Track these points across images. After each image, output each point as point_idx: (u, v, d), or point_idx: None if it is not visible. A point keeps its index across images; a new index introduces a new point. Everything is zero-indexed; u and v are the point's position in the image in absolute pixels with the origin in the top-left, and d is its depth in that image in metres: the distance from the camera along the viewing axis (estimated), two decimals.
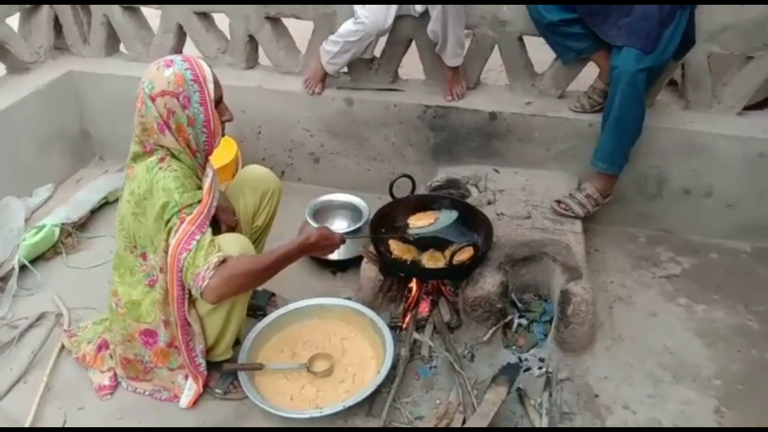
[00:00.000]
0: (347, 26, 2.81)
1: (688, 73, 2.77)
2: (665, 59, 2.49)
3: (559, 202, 2.65)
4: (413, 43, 2.99)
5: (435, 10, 2.68)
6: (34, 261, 2.74)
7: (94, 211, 3.08)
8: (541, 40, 2.80)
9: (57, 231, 2.82)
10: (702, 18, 2.55)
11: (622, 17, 2.45)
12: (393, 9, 2.76)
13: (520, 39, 2.87)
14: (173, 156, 1.89)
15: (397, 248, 2.48)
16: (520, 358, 2.31)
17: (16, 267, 2.64)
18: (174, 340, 2.04)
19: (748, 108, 2.83)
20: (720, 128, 2.73)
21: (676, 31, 2.45)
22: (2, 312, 2.52)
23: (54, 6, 3.35)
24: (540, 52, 3.02)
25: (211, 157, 2.03)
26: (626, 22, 2.43)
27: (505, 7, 2.75)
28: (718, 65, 2.76)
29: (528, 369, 2.27)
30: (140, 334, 2.06)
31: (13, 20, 3.25)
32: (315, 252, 2.11)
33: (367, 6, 2.72)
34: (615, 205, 2.82)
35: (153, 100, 1.82)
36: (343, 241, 2.15)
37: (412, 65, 3.21)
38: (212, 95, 1.87)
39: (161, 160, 1.87)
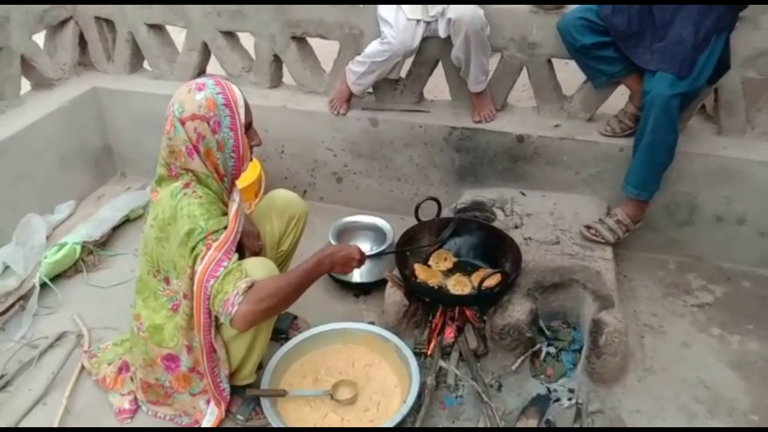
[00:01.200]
0: (374, 46, 2.79)
1: (721, 98, 2.71)
2: (699, 84, 2.43)
3: (588, 227, 2.60)
4: (439, 64, 2.96)
5: (458, 38, 2.65)
6: (54, 279, 2.72)
7: (116, 229, 3.06)
8: (565, 60, 2.77)
9: (78, 249, 2.79)
10: (738, 43, 2.50)
11: (655, 41, 2.41)
12: (420, 29, 2.73)
13: (549, 62, 2.83)
14: (199, 181, 1.86)
15: (422, 273, 2.44)
16: (548, 389, 2.25)
17: (37, 285, 2.61)
18: (197, 365, 2.00)
19: None
20: (754, 154, 2.67)
21: (711, 56, 2.40)
22: (22, 331, 2.49)
23: (79, 23, 3.36)
24: (563, 71, 2.98)
25: (237, 181, 2.00)
26: (660, 47, 2.39)
27: (534, 29, 2.72)
28: (752, 90, 2.70)
29: (557, 400, 2.20)
30: (162, 359, 2.02)
31: (39, 37, 3.26)
32: (336, 263, 1.97)
33: (394, 26, 2.70)
34: (644, 231, 2.75)
35: (183, 123, 1.79)
36: (363, 257, 2.05)
37: (437, 86, 3.17)
38: (243, 120, 1.84)
39: (186, 185, 1.84)
